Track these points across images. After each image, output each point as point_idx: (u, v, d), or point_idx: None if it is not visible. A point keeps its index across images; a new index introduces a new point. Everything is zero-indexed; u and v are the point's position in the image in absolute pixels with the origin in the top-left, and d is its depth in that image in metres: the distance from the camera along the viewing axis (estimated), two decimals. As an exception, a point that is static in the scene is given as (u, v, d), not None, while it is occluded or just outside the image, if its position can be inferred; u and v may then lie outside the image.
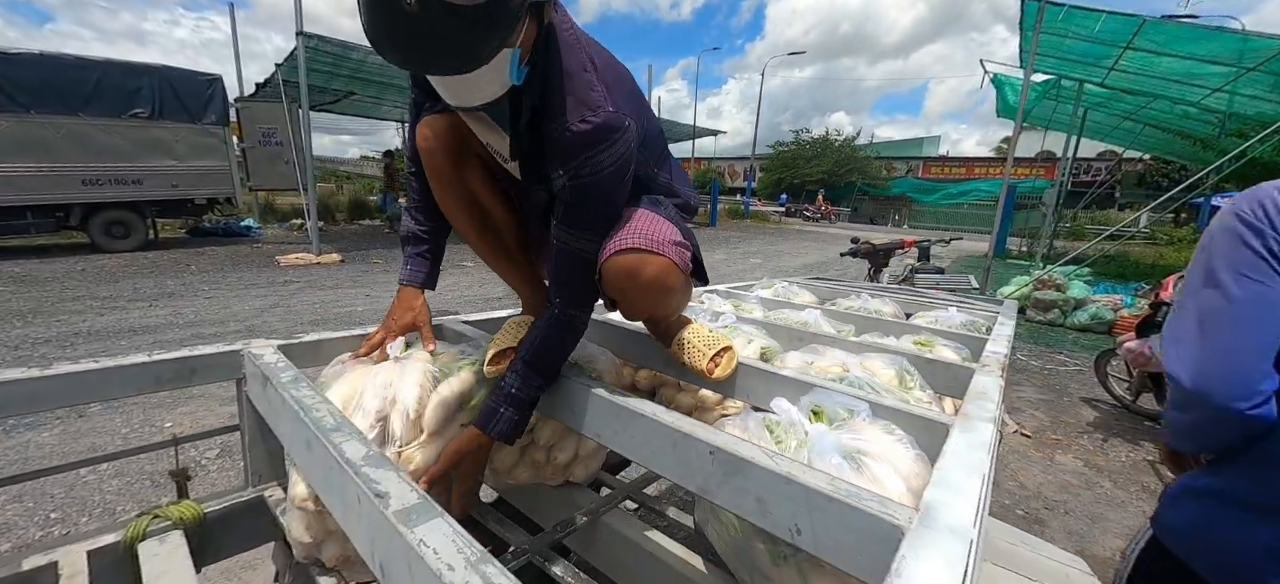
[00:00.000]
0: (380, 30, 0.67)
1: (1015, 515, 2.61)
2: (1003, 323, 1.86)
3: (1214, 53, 4.85)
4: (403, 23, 0.64)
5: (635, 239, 0.89)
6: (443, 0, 0.63)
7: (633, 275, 0.89)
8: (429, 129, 1.00)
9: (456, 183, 1.03)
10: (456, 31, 0.66)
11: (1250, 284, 0.75)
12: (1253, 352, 0.74)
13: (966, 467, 0.68)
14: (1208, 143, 6.90)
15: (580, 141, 0.82)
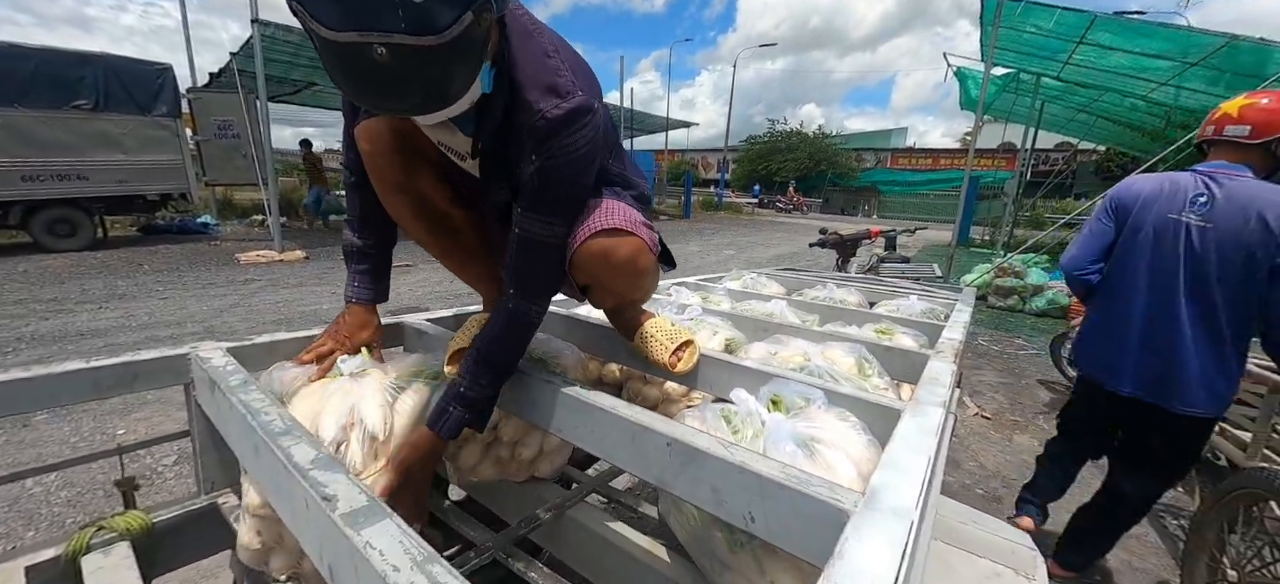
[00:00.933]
0: (350, 81, 0.65)
1: (975, 494, 2.72)
2: (960, 310, 1.93)
3: (1160, 48, 5.09)
4: (373, 72, 0.62)
5: (608, 221, 0.90)
6: (412, 47, 0.60)
7: (608, 257, 0.90)
8: (371, 135, 0.94)
9: (407, 188, 0.98)
10: (430, 71, 0.65)
11: (1095, 223, 1.88)
12: (1086, 252, 1.87)
13: (914, 449, 0.70)
14: (1155, 134, 7.25)
15: (553, 127, 0.81)
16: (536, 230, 0.88)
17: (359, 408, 0.87)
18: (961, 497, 2.66)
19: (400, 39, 0.59)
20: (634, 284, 0.99)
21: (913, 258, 5.12)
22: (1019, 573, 0.80)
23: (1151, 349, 1.70)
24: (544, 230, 0.88)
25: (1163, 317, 1.68)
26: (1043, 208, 16.70)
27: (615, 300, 1.10)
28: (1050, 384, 4.39)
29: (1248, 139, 1.59)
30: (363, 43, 0.59)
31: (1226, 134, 1.64)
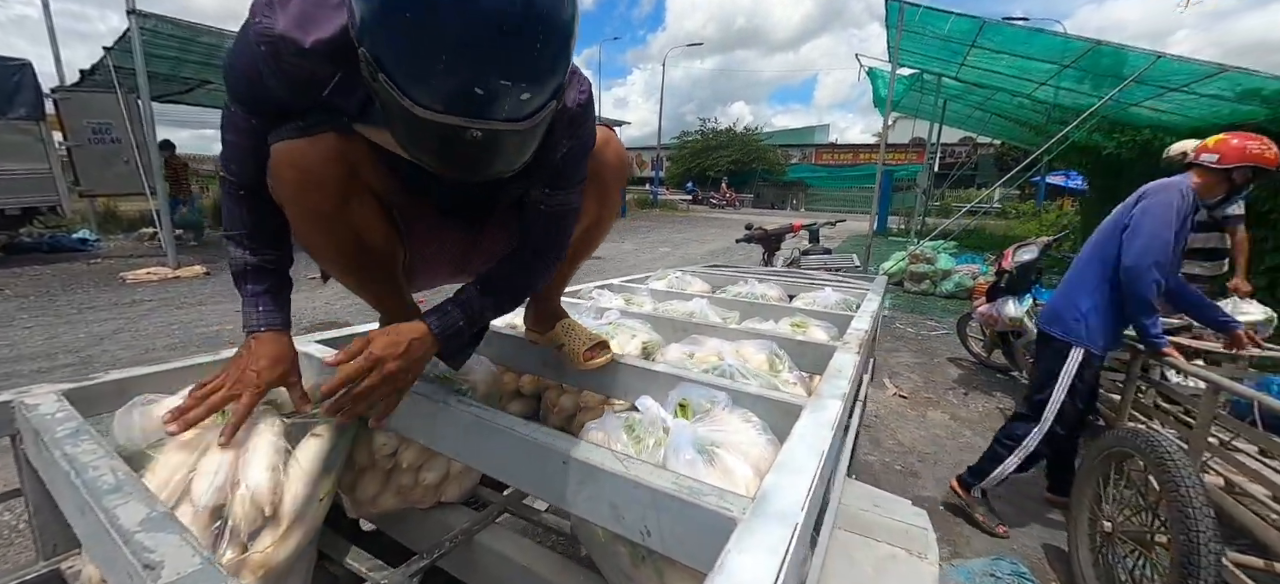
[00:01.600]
0: (438, 157, 0.65)
1: (894, 471, 2.88)
2: (870, 299, 2.03)
3: (1040, 52, 5.64)
4: (464, 149, 0.62)
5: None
6: (510, 130, 0.62)
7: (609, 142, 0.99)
8: (302, 161, 0.80)
9: (338, 219, 0.87)
10: (524, 144, 0.66)
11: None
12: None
13: (808, 447, 0.72)
14: (1039, 129, 8.05)
15: (584, 111, 0.87)
16: (569, 202, 0.94)
17: (242, 465, 0.75)
18: (882, 474, 2.81)
19: (500, 125, 0.60)
20: (621, 197, 1.09)
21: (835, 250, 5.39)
22: (912, 553, 0.84)
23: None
24: (574, 200, 0.94)
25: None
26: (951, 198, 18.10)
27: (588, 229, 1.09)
28: (958, 361, 4.74)
29: (1216, 164, 2.02)
30: (463, 126, 0.59)
31: (1201, 160, 2.06)
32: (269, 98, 0.77)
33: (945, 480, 2.73)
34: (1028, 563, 2.13)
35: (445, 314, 0.87)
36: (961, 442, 3.22)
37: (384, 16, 0.55)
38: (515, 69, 0.57)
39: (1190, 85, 4.84)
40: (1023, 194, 19.42)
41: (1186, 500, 1.51)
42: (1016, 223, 14.79)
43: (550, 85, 0.63)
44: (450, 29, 0.54)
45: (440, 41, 0.54)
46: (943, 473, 2.81)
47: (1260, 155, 1.94)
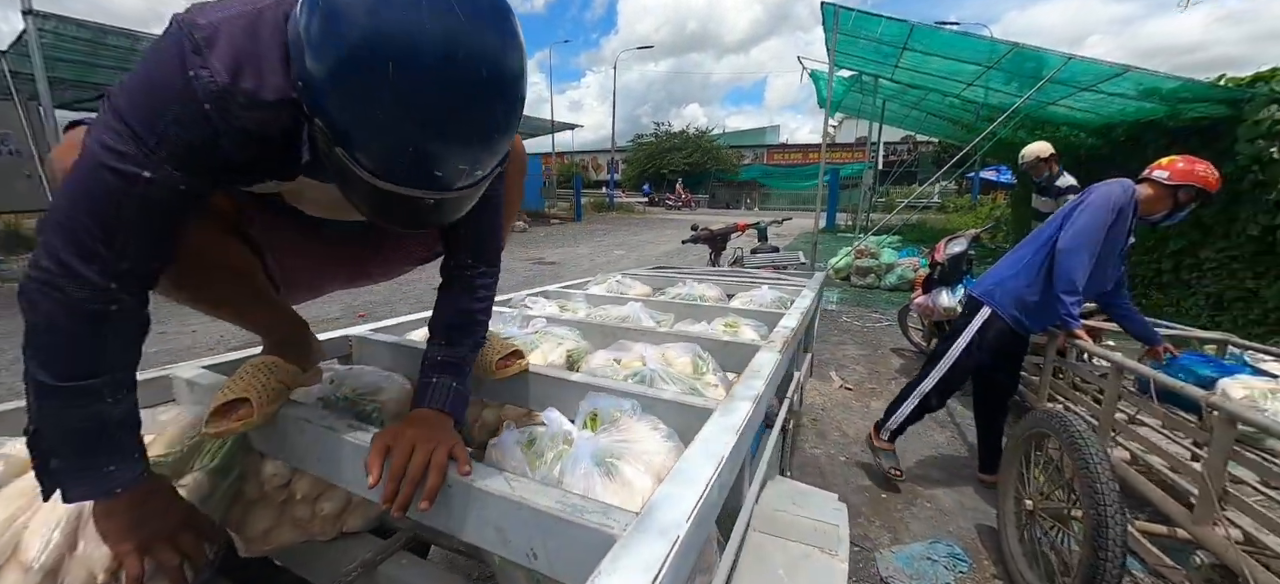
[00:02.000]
0: (388, 217, 0.63)
1: (839, 461, 2.94)
2: (804, 296, 2.06)
3: (967, 54, 5.94)
4: (418, 212, 0.61)
5: None
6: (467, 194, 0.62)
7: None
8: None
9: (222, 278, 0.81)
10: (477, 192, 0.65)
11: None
12: None
13: (707, 454, 0.70)
14: (969, 127, 8.52)
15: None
16: (494, 192, 0.85)
17: (84, 521, 0.65)
18: (827, 466, 2.87)
19: (458, 193, 0.61)
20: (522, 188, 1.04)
21: (785, 247, 5.51)
22: (824, 551, 0.84)
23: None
24: (498, 189, 0.88)
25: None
26: (895, 194, 18.91)
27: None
28: (900, 351, 4.91)
29: (1165, 181, 2.15)
30: (423, 197, 0.59)
31: (1153, 175, 2.20)
32: (219, 163, 0.62)
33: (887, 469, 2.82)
34: (963, 543, 2.21)
35: (437, 388, 0.83)
36: (913, 430, 3.32)
37: (347, 89, 0.52)
38: (477, 143, 0.58)
39: (1098, 85, 5.21)
40: (960, 189, 20.50)
41: (1095, 476, 1.60)
42: (955, 216, 15.58)
43: (506, 146, 0.63)
44: (416, 110, 0.52)
45: (406, 123, 0.52)
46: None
47: (1204, 179, 2.10)
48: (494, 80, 0.54)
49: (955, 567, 2.09)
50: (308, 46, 0.53)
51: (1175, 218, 2.18)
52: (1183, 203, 2.14)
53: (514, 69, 0.56)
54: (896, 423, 2.48)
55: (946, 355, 2.36)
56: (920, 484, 2.64)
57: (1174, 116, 5.27)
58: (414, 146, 0.54)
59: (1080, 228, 2.10)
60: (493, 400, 1.20)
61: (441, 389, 0.83)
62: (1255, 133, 4.28)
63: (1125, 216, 2.15)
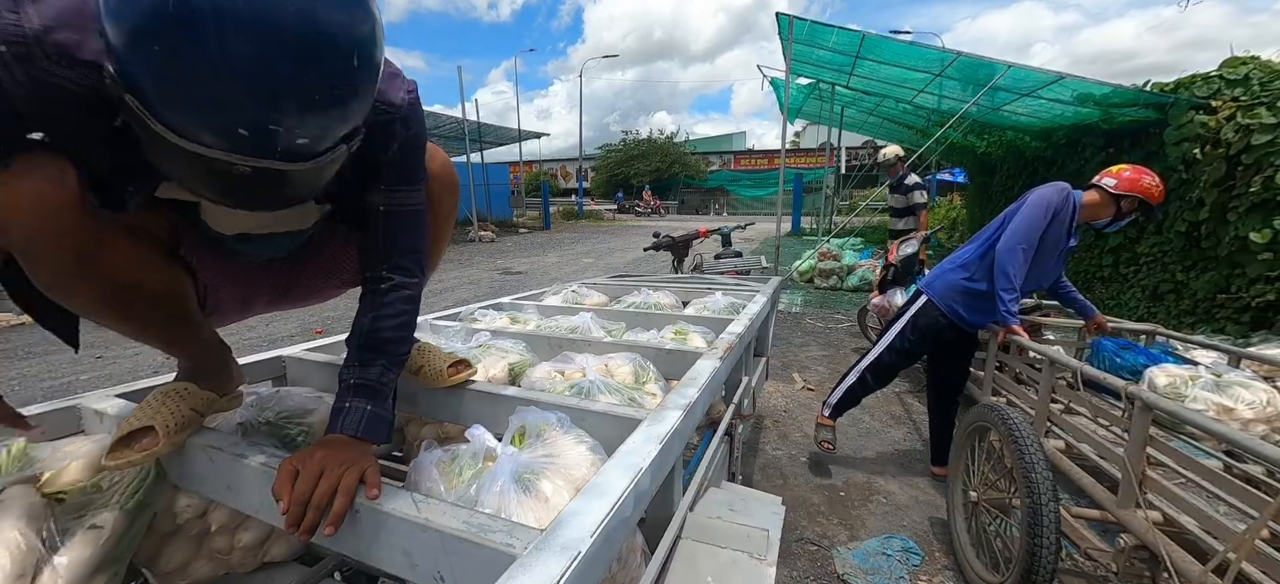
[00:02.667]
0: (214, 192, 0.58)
1: (799, 462, 2.98)
2: (755, 301, 2.09)
3: (917, 62, 6.18)
4: (241, 185, 0.56)
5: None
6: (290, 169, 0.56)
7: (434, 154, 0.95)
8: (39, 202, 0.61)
9: (93, 274, 0.71)
10: (312, 175, 0.60)
11: None
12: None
13: (625, 466, 0.70)
14: (923, 131, 8.84)
15: (411, 107, 0.85)
16: (410, 200, 0.90)
17: None
18: (788, 467, 2.90)
19: (279, 164, 0.54)
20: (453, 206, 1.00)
21: (751, 252, 5.58)
22: (753, 556, 0.85)
23: None
24: (415, 197, 0.91)
25: None
26: (858, 197, 19.46)
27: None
28: (861, 350, 5.02)
29: (1111, 189, 2.22)
30: (228, 162, 0.53)
31: (1101, 183, 2.27)
32: (8, 117, 0.58)
33: (846, 462, 2.87)
34: (916, 537, 2.27)
35: (348, 413, 0.81)
36: (862, 427, 3.40)
37: (129, 22, 0.46)
38: (295, 104, 0.51)
39: (1038, 91, 5.48)
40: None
41: (1031, 465, 1.66)
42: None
43: (343, 119, 0.56)
44: (209, 50, 0.46)
45: (199, 64, 0.47)
46: (843, 458, 2.95)
47: (1148, 190, 2.18)
48: (323, 34, 0.49)
49: (909, 560, 2.14)
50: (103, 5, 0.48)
51: (1116, 225, 2.25)
52: (1125, 212, 2.22)
53: (345, 21, 0.51)
54: (836, 399, 2.61)
55: (883, 338, 2.52)
56: (878, 480, 2.70)
57: (1108, 120, 5.57)
58: (207, 89, 0.48)
59: (1015, 229, 2.20)
60: (434, 417, 1.18)
61: (354, 414, 0.80)
62: (1180, 136, 4.56)
63: (1061, 219, 2.23)
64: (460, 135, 15.48)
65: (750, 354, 1.90)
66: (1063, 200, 2.22)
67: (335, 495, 0.65)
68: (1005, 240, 2.21)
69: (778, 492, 2.64)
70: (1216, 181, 4.26)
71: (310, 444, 0.99)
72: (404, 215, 0.89)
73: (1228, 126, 4.22)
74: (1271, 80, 4.18)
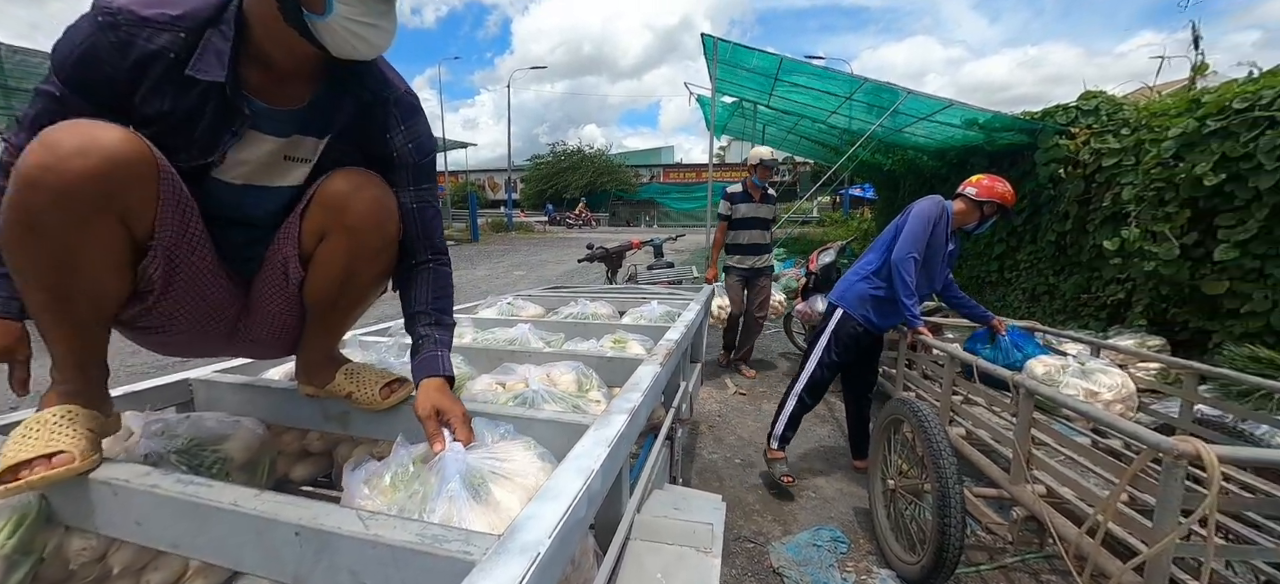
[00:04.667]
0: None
1: (734, 464, 3.09)
2: (691, 309, 2.16)
3: (831, 86, 6.66)
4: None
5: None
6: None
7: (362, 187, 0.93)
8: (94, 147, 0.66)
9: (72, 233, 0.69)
10: None
11: None
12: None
13: (577, 469, 0.71)
14: (835, 149, 9.53)
15: (412, 104, 0.99)
16: (432, 197, 1.05)
17: None
18: (724, 469, 3.00)
19: None
20: (382, 244, 0.96)
21: (682, 263, 5.74)
22: (699, 550, 0.89)
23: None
24: (434, 195, 1.06)
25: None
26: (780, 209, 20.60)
27: (335, 289, 0.97)
28: (788, 354, 5.30)
29: (974, 197, 2.50)
30: None
31: (965, 192, 2.55)
32: (100, 78, 0.76)
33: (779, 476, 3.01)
34: (843, 527, 2.42)
35: (442, 359, 0.98)
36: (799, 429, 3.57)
37: None
38: None
39: (932, 115, 6.10)
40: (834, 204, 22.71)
41: (938, 453, 1.84)
42: (831, 228, 17.23)
43: None
44: None
45: None
46: (774, 459, 3.10)
47: (1002, 195, 2.50)
48: None
49: (837, 549, 2.28)
50: None
51: (982, 227, 2.58)
52: (988, 215, 2.54)
53: None
54: (780, 429, 2.67)
55: (811, 356, 2.62)
56: (806, 476, 2.86)
57: (990, 143, 6.28)
58: None
59: (904, 240, 2.43)
60: (370, 436, 1.12)
61: (445, 359, 0.99)
62: (1047, 157, 5.22)
63: (940, 227, 2.51)
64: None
65: (687, 360, 1.97)
66: (939, 211, 2.50)
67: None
68: (897, 252, 2.44)
69: (715, 493, 2.73)
70: (1077, 197, 4.91)
71: (228, 472, 0.92)
72: (430, 208, 1.04)
73: (1084, 150, 4.89)
74: (1116, 112, 4.90)
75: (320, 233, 0.91)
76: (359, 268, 0.95)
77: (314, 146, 0.93)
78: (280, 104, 0.86)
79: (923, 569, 1.87)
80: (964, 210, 2.56)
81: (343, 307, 1.02)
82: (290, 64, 0.84)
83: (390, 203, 0.95)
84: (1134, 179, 4.22)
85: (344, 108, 0.92)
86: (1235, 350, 2.98)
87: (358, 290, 1.00)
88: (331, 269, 0.93)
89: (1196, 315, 3.68)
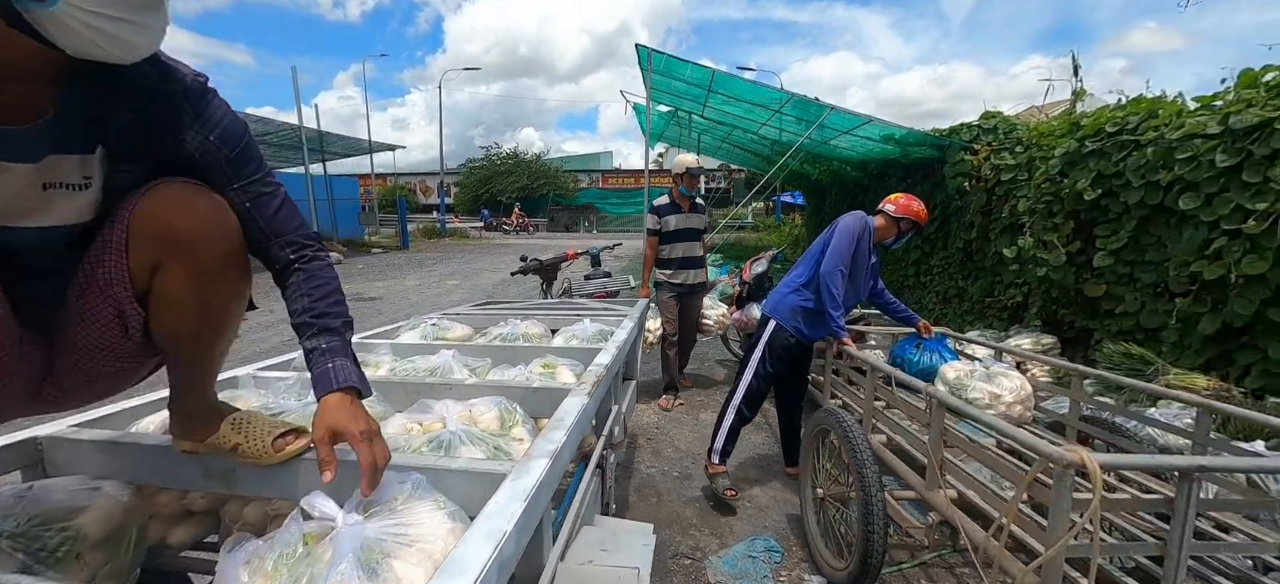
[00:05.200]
0: None
1: (672, 477, 3.09)
2: (623, 327, 2.13)
3: (762, 99, 6.90)
4: None
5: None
6: None
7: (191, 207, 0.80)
8: None
9: None
10: None
11: None
12: None
13: (487, 534, 0.66)
14: (767, 159, 9.89)
15: (201, 91, 0.84)
16: (263, 186, 0.90)
17: None
18: (661, 482, 2.99)
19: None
20: (224, 258, 0.83)
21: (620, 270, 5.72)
22: (624, 598, 0.86)
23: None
24: (267, 183, 0.91)
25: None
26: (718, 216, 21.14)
27: (191, 323, 0.84)
28: (724, 362, 5.40)
29: (893, 214, 2.65)
30: None
31: (884, 208, 2.69)
32: None
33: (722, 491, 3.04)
34: (777, 536, 2.48)
35: (342, 370, 0.88)
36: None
37: None
38: None
39: (854, 129, 6.45)
40: (768, 211, 23.59)
41: (862, 461, 1.91)
42: (765, 234, 17.87)
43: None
44: None
45: None
46: (711, 470, 3.13)
47: (918, 213, 2.66)
48: None
49: (772, 559, 2.32)
50: None
51: (898, 243, 2.75)
52: (904, 231, 2.71)
53: None
54: (721, 444, 2.70)
55: (747, 368, 2.67)
56: (742, 485, 2.91)
57: (906, 156, 6.73)
58: None
59: (831, 256, 2.54)
60: (260, 494, 1.01)
61: (345, 369, 0.88)
62: (955, 171, 5.65)
63: (863, 242, 2.64)
64: (297, 144, 13.71)
65: (619, 382, 1.94)
66: (862, 227, 2.63)
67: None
68: (825, 267, 2.54)
69: (652, 510, 2.73)
70: (980, 208, 5.35)
71: (80, 553, 0.80)
72: (265, 199, 0.90)
73: (985, 165, 5.33)
74: (1011, 131, 5.38)
75: (151, 265, 0.77)
76: (209, 293, 0.83)
77: (81, 167, 0.75)
78: (14, 121, 0.68)
79: (850, 575, 1.94)
80: (883, 226, 2.71)
81: (206, 340, 0.89)
82: (17, 68, 0.66)
83: (220, 209, 0.83)
84: (1027, 193, 4.64)
85: (115, 112, 0.75)
86: (1112, 347, 3.33)
87: (216, 319, 0.87)
88: (178, 303, 0.81)
89: (1081, 315, 4.10)
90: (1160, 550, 1.30)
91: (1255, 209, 2.80)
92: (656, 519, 2.61)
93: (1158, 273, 3.44)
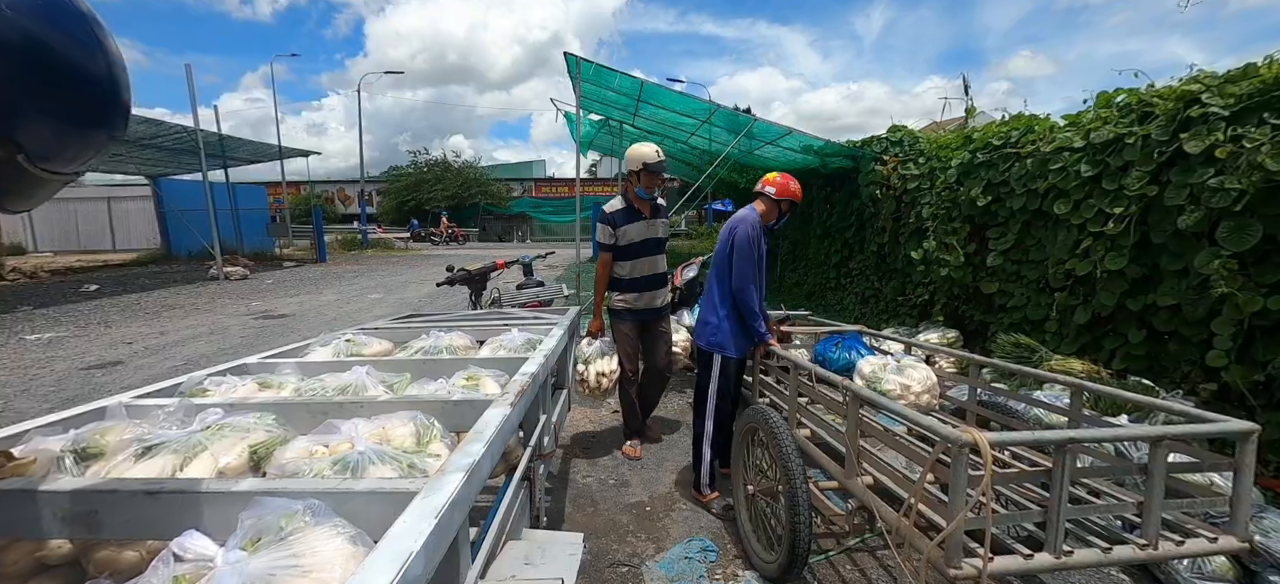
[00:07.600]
0: None
1: (609, 485, 3.06)
2: (552, 335, 2.09)
3: (691, 109, 7.08)
4: None
5: None
6: None
7: None
8: None
9: None
10: None
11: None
12: None
13: (391, 555, 0.62)
14: (696, 167, 10.17)
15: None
16: None
17: None
18: (598, 491, 2.96)
19: None
20: None
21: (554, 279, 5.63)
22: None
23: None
24: None
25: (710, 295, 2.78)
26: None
27: None
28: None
29: (773, 196, 2.67)
30: None
31: (764, 191, 2.69)
32: None
33: (653, 482, 3.04)
34: (711, 535, 2.51)
35: None
36: (669, 439, 3.65)
37: None
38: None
39: (777, 140, 6.77)
40: (700, 218, 24.22)
41: (786, 455, 1.98)
42: (697, 241, 18.32)
43: None
44: None
45: None
46: (649, 475, 3.13)
47: (795, 192, 2.72)
48: None
49: (707, 558, 2.36)
50: None
51: (780, 223, 2.78)
52: (785, 211, 2.75)
53: None
54: (706, 475, 2.74)
55: (707, 402, 2.68)
56: (677, 489, 2.93)
57: (824, 166, 7.13)
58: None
59: (739, 269, 2.59)
60: (125, 537, 0.89)
61: None
62: (868, 180, 6.05)
63: (759, 242, 2.68)
64: (193, 148, 12.47)
65: (548, 391, 1.90)
66: (755, 231, 2.65)
67: None
68: (737, 282, 2.59)
69: (589, 519, 2.69)
70: (891, 215, 5.76)
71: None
72: None
73: (894, 175, 5.75)
74: (915, 144, 5.84)
75: None
76: None
77: None
78: None
79: (780, 566, 2.01)
80: (766, 210, 2.73)
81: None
82: None
83: None
84: (930, 200, 5.05)
85: None
86: (1005, 338, 3.68)
87: None
88: None
89: (979, 311, 4.50)
90: (1044, 517, 1.44)
91: (1113, 213, 3.20)
92: (593, 528, 2.58)
93: (1040, 270, 3.85)
